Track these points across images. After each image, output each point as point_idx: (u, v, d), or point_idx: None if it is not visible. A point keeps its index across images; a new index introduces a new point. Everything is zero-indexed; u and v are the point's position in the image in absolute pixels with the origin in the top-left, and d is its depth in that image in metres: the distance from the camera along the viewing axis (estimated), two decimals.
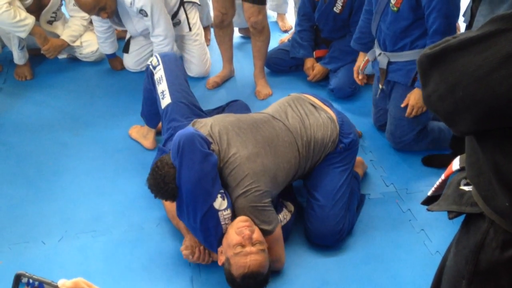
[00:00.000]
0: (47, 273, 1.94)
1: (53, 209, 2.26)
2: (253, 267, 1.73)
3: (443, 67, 0.92)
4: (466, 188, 1.09)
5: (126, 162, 2.55)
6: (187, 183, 1.79)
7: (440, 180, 1.23)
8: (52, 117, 2.88)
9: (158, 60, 2.35)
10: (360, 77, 2.65)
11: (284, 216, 2.04)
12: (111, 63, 3.31)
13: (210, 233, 1.84)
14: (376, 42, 2.46)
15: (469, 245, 1.08)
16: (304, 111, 2.10)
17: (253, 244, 1.76)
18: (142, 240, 2.11)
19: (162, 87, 2.29)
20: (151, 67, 2.37)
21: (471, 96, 0.87)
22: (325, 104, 2.19)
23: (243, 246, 1.75)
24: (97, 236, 2.13)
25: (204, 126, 1.99)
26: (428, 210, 1.20)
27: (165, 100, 2.26)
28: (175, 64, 2.38)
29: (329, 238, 2.04)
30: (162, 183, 1.84)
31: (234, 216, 1.85)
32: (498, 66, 0.83)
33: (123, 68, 3.31)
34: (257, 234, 1.79)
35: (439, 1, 2.13)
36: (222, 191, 1.84)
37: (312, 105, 2.14)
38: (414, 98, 2.37)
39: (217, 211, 1.81)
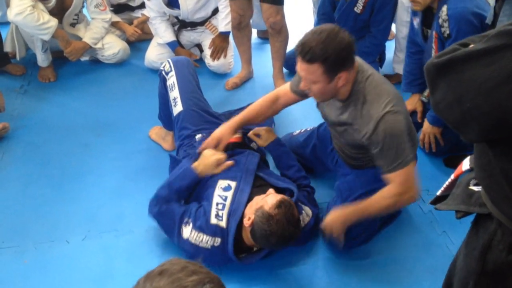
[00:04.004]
0: (71, 272, 1.99)
1: (77, 208, 2.30)
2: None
3: (449, 77, 0.93)
4: (476, 188, 1.10)
5: (147, 163, 2.58)
6: None
7: (449, 180, 1.23)
8: (75, 118, 2.93)
9: (170, 66, 2.35)
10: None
11: (303, 220, 2.01)
12: (178, 53, 3.18)
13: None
14: None
15: (478, 246, 1.09)
16: None
17: None
18: (164, 240, 2.12)
19: (174, 94, 2.30)
20: (163, 73, 2.37)
21: (479, 108, 0.89)
22: None
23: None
24: (120, 235, 2.17)
25: None
26: (436, 209, 1.22)
27: (177, 108, 2.27)
28: (187, 69, 2.37)
29: None
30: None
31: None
32: (506, 80, 0.85)
33: (190, 54, 3.23)
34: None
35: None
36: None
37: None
38: (426, 127, 2.44)
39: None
